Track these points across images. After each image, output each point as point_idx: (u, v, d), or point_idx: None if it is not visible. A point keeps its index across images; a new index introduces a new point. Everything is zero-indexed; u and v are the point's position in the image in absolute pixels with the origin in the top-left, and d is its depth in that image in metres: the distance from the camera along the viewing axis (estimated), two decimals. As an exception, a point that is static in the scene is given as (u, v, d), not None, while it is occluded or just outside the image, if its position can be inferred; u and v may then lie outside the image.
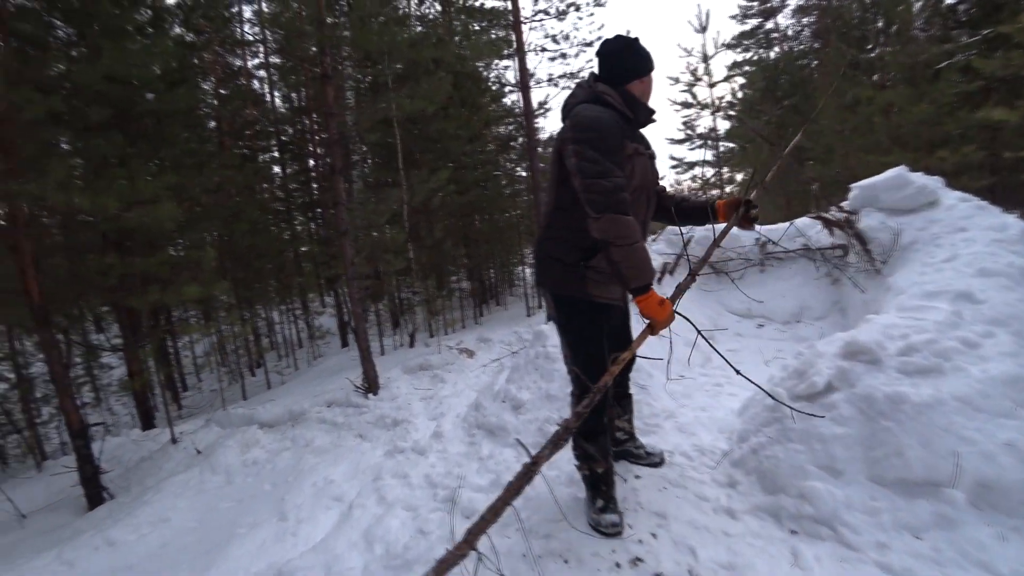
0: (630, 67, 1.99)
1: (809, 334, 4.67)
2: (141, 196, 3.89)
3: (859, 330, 2.51)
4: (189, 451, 4.85)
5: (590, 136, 1.84)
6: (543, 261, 2.16)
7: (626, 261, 1.80)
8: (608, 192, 1.79)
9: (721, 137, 15.51)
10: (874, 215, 3.92)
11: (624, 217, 1.79)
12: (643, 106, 2.02)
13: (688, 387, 3.73)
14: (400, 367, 6.83)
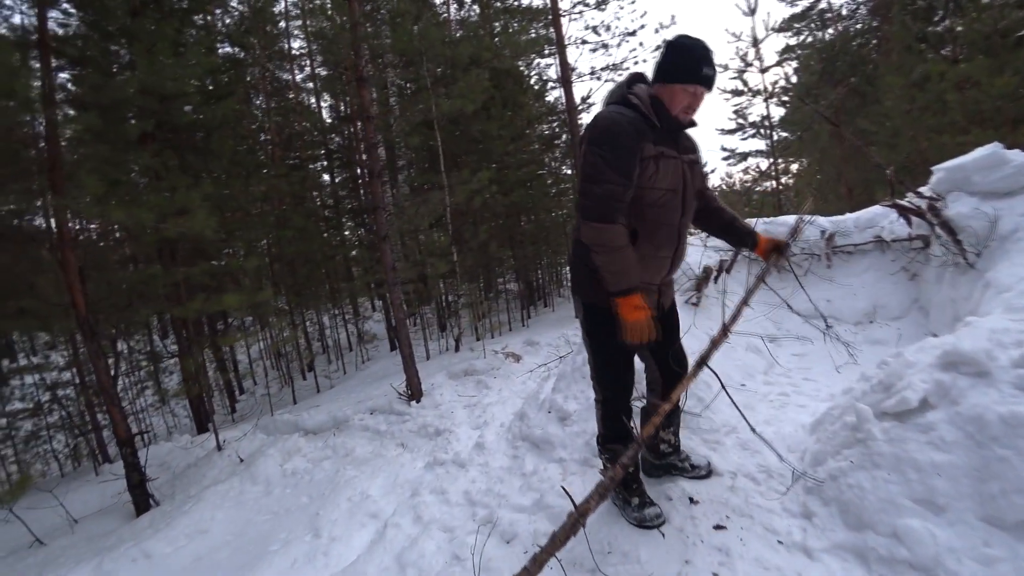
0: (661, 67, 1.91)
1: (885, 336, 4.22)
2: (178, 208, 3.91)
3: (959, 335, 2.14)
4: (232, 459, 4.87)
5: (597, 138, 1.84)
6: (574, 266, 2.14)
7: (605, 267, 1.85)
8: (597, 199, 1.81)
9: (775, 125, 14.70)
10: (964, 200, 3.46)
11: (608, 226, 1.81)
12: (666, 115, 1.91)
13: (750, 398, 3.39)
14: (444, 372, 6.71)
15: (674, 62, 1.87)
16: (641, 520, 2.23)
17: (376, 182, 5.05)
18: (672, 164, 1.93)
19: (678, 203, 2.00)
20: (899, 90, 11.12)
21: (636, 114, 1.88)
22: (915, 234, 4.19)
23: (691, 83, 1.85)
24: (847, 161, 13.87)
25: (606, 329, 2.04)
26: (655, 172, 1.88)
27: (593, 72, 10.24)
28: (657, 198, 1.92)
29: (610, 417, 2.24)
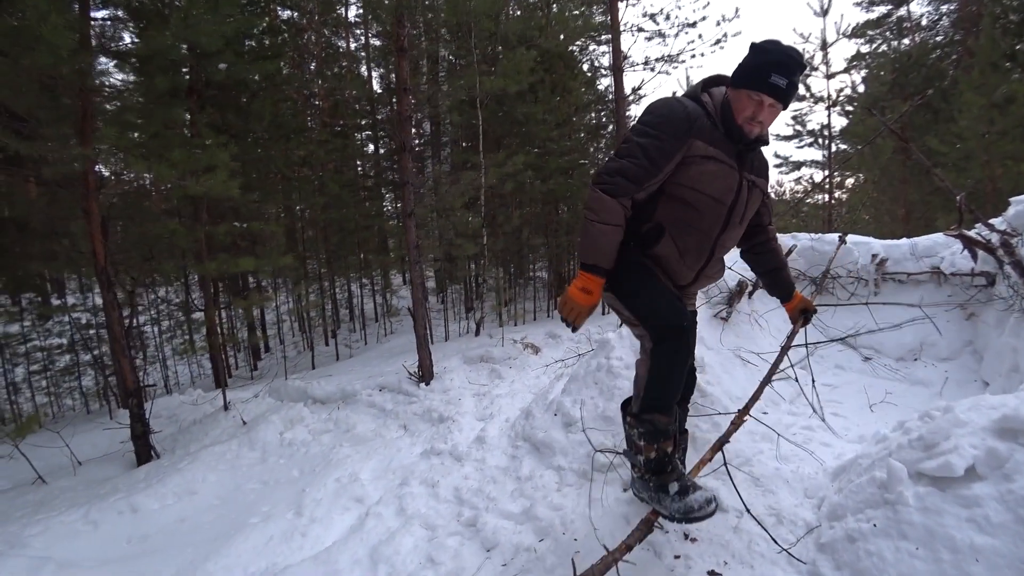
0: (735, 70, 1.79)
1: (930, 377, 3.87)
2: (203, 165, 3.85)
3: (1022, 397, 1.86)
4: (236, 421, 4.88)
5: (645, 117, 1.78)
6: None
7: (585, 233, 1.78)
8: (611, 170, 1.75)
9: (835, 135, 13.92)
10: (1043, 240, 3.10)
11: (607, 198, 1.74)
12: (731, 121, 1.78)
13: (772, 425, 3.11)
14: (460, 356, 6.60)
15: (745, 65, 1.74)
16: (687, 511, 1.76)
17: (406, 157, 4.90)
18: (724, 172, 1.79)
19: (721, 215, 1.83)
20: (977, 110, 10.33)
21: (701, 110, 1.78)
22: (979, 270, 3.81)
23: (756, 90, 1.70)
24: (908, 181, 13.06)
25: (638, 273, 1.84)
26: (700, 173, 1.76)
27: (647, 62, 9.83)
28: (695, 200, 1.78)
29: (667, 364, 1.78)
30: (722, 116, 1.78)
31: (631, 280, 1.87)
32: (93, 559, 2.97)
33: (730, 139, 1.79)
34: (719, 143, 1.77)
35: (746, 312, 3.71)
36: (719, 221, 1.83)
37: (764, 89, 1.68)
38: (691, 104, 1.77)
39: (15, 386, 8.88)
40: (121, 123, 3.94)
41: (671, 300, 1.83)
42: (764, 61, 1.68)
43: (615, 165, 1.74)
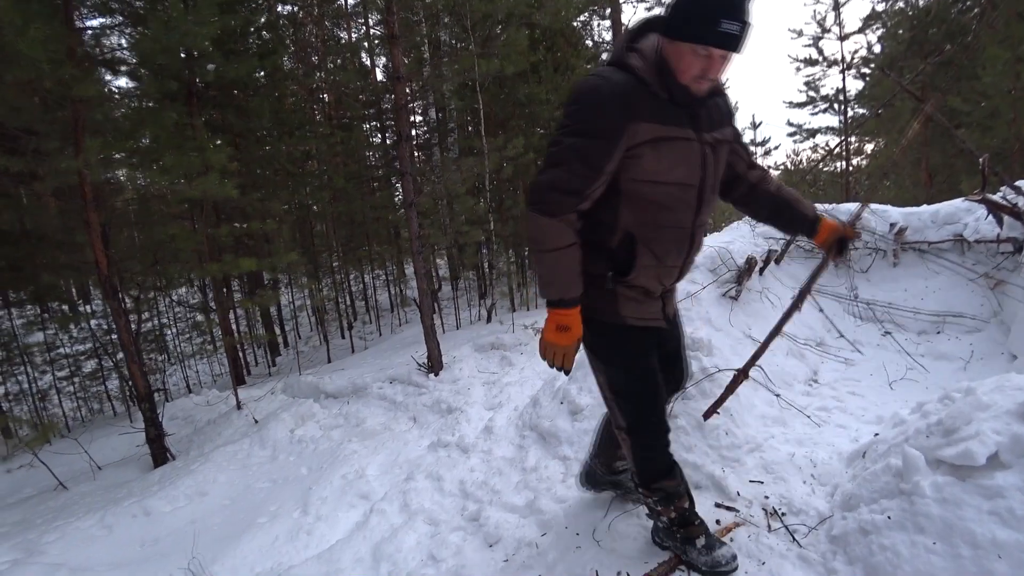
0: (671, 18, 1.37)
1: (954, 351, 3.70)
2: (198, 168, 3.81)
3: (1049, 376, 1.72)
4: (248, 420, 4.91)
5: (572, 113, 1.44)
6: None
7: (539, 268, 1.53)
8: (543, 185, 1.45)
9: (851, 100, 13.43)
10: (1073, 202, 2.90)
11: (547, 220, 1.45)
12: (674, 81, 1.41)
13: (785, 408, 3.01)
14: (471, 344, 6.56)
15: (682, 9, 1.33)
16: (714, 565, 1.81)
17: (404, 146, 4.81)
18: (683, 149, 1.47)
19: (692, 199, 1.55)
20: (1002, 65, 9.84)
21: (632, 79, 1.41)
22: (1005, 236, 3.60)
23: (702, 43, 1.32)
24: (930, 144, 12.58)
25: (611, 349, 1.70)
26: (656, 161, 1.44)
27: (651, 35, 9.49)
28: (660, 195, 1.49)
29: (644, 447, 1.82)
30: (662, 77, 1.42)
31: (608, 348, 1.69)
32: (106, 563, 3.01)
33: (677, 102, 1.44)
34: (666, 114, 1.43)
35: (757, 290, 3.57)
36: (691, 207, 1.57)
37: (712, 40, 1.31)
38: (619, 78, 1.41)
39: (43, 393, 9.11)
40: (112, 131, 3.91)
41: (654, 387, 1.74)
42: (708, 5, 1.29)
43: (547, 178, 1.44)
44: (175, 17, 3.51)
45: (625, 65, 1.44)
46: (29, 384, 8.29)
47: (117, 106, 4.29)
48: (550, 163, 1.45)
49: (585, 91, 1.42)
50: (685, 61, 1.37)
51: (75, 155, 3.40)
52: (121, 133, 4.02)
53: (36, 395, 8.62)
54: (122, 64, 4.19)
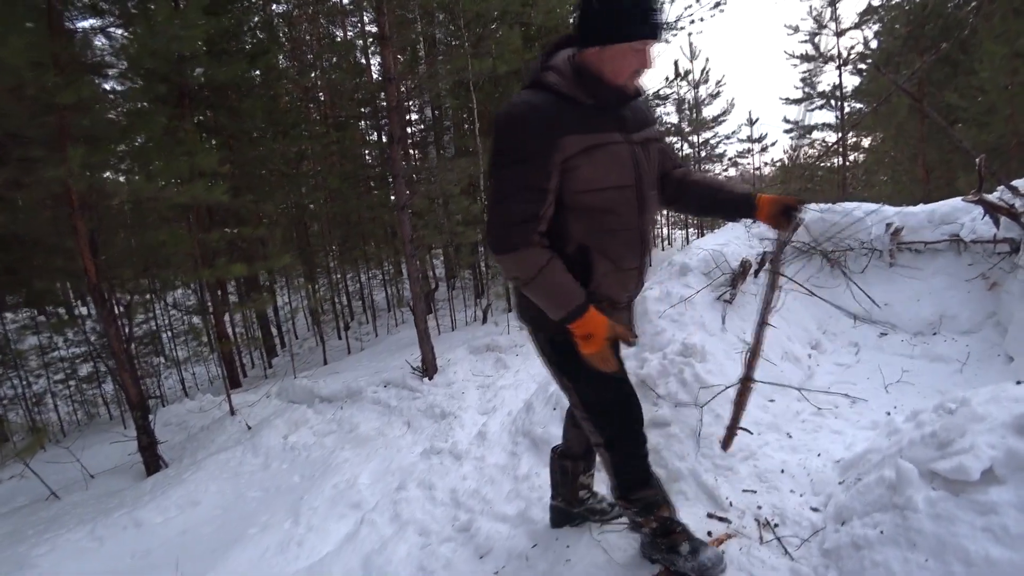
0: (589, 26, 1.39)
1: (950, 353, 3.67)
2: (183, 173, 3.77)
3: (1045, 387, 1.69)
4: (241, 426, 4.88)
5: (500, 144, 1.43)
6: (517, 291, 1.67)
7: (535, 298, 1.50)
8: (499, 225, 1.43)
9: (847, 96, 13.38)
10: (1069, 204, 2.86)
11: (516, 254, 1.43)
12: (604, 85, 1.44)
13: (779, 414, 2.98)
14: (466, 346, 6.54)
15: (611, 12, 1.34)
16: (702, 569, 1.82)
17: (395, 148, 4.77)
18: (615, 152, 1.49)
19: (633, 199, 1.56)
20: (999, 60, 9.80)
21: (551, 96, 1.42)
22: (1002, 236, 3.57)
23: (641, 38, 1.35)
24: (927, 139, 12.55)
25: (578, 361, 1.62)
26: (592, 170, 1.45)
27: (646, 32, 9.43)
28: (603, 201, 1.50)
29: (626, 459, 1.82)
30: (586, 86, 1.44)
31: (577, 365, 1.60)
32: (96, 577, 2.97)
33: (603, 108, 1.47)
34: (592, 123, 1.45)
35: (751, 292, 3.54)
36: (635, 207, 1.57)
37: (648, 33, 1.35)
38: (538, 98, 1.42)
39: (37, 398, 9.07)
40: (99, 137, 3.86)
41: (628, 395, 1.74)
42: (618, 5, 1.33)
43: (498, 216, 1.42)
44: (161, 22, 3.46)
45: (542, 84, 1.45)
46: (23, 389, 8.25)
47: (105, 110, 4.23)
48: (496, 200, 1.44)
49: (509, 120, 1.41)
50: (625, 61, 1.40)
51: (60, 163, 3.35)
52: (109, 138, 3.96)
53: (31, 399, 8.59)
54: (109, 68, 4.14)
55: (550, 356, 1.70)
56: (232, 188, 7.35)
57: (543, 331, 1.67)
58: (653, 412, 2.65)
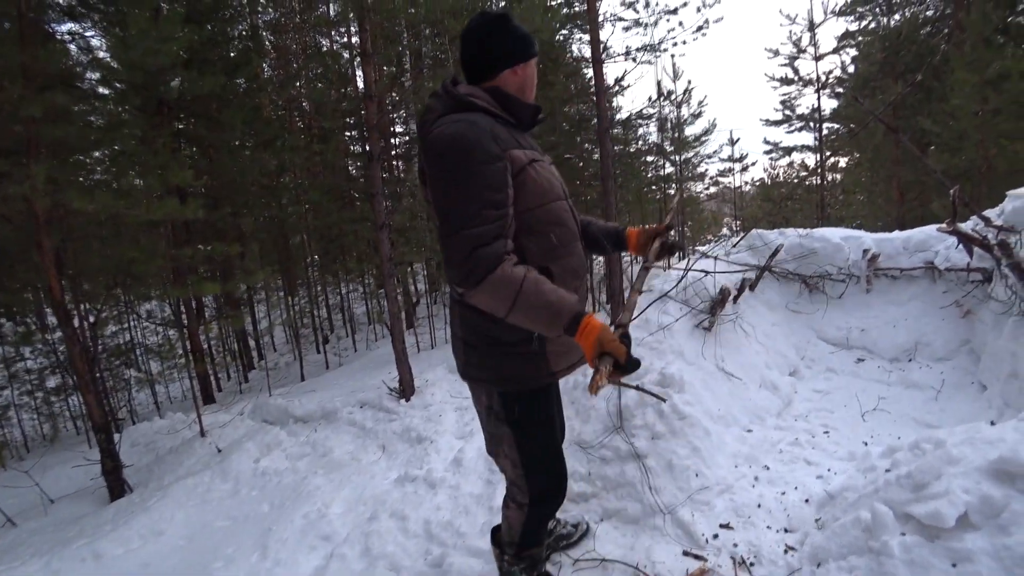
0: (500, 52, 1.49)
1: (925, 380, 3.69)
2: (157, 189, 3.66)
3: (1021, 430, 1.68)
4: (211, 448, 4.71)
5: (449, 165, 1.32)
6: (468, 345, 1.56)
7: (535, 318, 1.29)
8: (468, 252, 1.27)
9: (826, 118, 13.67)
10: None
11: (487, 282, 1.26)
12: (524, 104, 1.52)
13: (756, 444, 2.95)
14: (445, 365, 6.44)
15: (514, 38, 1.49)
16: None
17: (374, 166, 4.70)
18: (547, 167, 1.55)
19: (570, 210, 1.60)
20: (970, 88, 10.08)
21: (487, 117, 1.40)
22: (975, 266, 3.62)
23: (529, 56, 1.53)
24: (901, 162, 12.85)
25: (537, 414, 1.62)
26: (537, 183, 1.44)
27: (628, 52, 9.58)
28: (553, 213, 1.50)
29: (541, 519, 1.85)
30: (509, 105, 1.49)
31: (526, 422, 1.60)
32: (47, 615, 2.82)
33: (525, 127, 1.55)
34: (521, 140, 1.49)
35: (731, 319, 3.53)
36: (572, 218, 1.60)
37: (533, 52, 1.55)
38: (476, 117, 1.38)
39: (1, 411, 8.73)
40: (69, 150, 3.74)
41: (562, 462, 1.78)
42: (517, 30, 1.50)
43: (462, 245, 1.28)
44: (135, 36, 3.37)
45: (473, 105, 1.42)
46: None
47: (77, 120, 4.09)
48: (454, 228, 1.29)
49: (454, 139, 1.32)
50: (533, 76, 1.56)
51: (23, 179, 3.23)
52: (80, 150, 3.85)
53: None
54: (81, 79, 4.02)
55: (508, 413, 1.60)
56: (210, 200, 7.25)
57: (506, 385, 1.56)
58: (630, 444, 2.60)
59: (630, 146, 12.96)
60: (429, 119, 1.44)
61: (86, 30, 5.48)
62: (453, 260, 1.30)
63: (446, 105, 1.44)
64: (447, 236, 1.31)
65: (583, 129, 11.99)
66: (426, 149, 1.38)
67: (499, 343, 1.49)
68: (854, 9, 19.24)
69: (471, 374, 1.61)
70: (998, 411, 3.17)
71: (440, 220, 1.33)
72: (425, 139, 1.40)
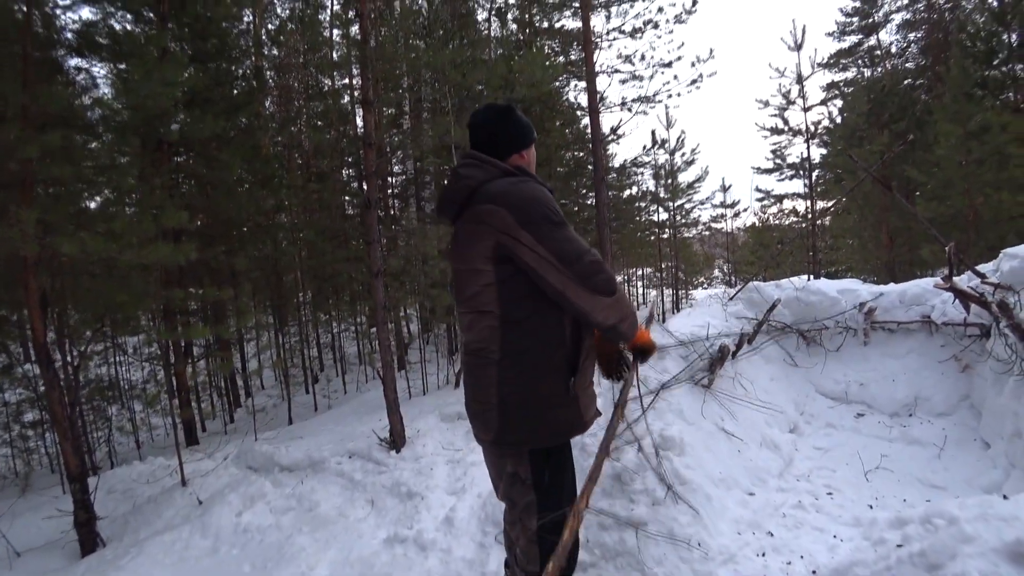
0: (507, 140, 1.65)
1: (927, 436, 3.63)
2: (150, 232, 3.62)
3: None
4: (192, 499, 4.52)
5: (543, 211, 1.47)
6: (505, 407, 1.55)
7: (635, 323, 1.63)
8: (600, 266, 1.49)
9: (816, 166, 14.00)
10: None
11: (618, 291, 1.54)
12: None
13: (759, 509, 2.86)
14: (437, 413, 6.30)
15: (520, 126, 1.69)
16: None
17: (371, 214, 4.69)
18: None
19: None
20: (954, 139, 10.39)
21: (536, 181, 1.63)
22: (973, 321, 3.61)
23: (534, 140, 1.74)
24: (890, 208, 13.10)
25: (563, 476, 1.64)
26: None
27: (624, 103, 9.82)
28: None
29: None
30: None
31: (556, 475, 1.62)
32: None
33: None
34: None
35: (730, 376, 3.48)
36: None
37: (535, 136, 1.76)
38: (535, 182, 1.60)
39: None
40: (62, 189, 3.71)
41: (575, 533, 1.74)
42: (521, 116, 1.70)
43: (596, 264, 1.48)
44: (138, 80, 3.39)
45: (526, 172, 1.63)
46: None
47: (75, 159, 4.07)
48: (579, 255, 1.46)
49: (535, 194, 1.51)
50: (535, 158, 1.76)
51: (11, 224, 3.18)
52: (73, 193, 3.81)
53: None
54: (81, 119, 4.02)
55: (537, 475, 1.60)
56: (204, 237, 7.22)
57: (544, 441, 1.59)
58: (629, 511, 2.51)
59: (624, 191, 13.14)
60: (471, 184, 1.54)
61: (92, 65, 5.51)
62: (593, 273, 1.46)
63: (490, 173, 1.56)
64: (575, 258, 1.45)
65: (579, 175, 12.18)
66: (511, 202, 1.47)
67: (539, 396, 1.54)
68: (838, 61, 20.02)
69: (507, 440, 1.60)
70: (1004, 471, 3.10)
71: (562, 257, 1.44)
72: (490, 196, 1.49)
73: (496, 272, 1.49)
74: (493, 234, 1.46)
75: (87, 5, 5.05)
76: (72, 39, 4.88)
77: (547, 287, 1.45)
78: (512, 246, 1.45)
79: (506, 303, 1.51)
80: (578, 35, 9.94)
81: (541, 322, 1.51)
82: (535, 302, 1.50)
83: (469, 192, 1.53)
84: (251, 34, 13.14)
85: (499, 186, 1.51)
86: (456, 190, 1.56)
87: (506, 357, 1.52)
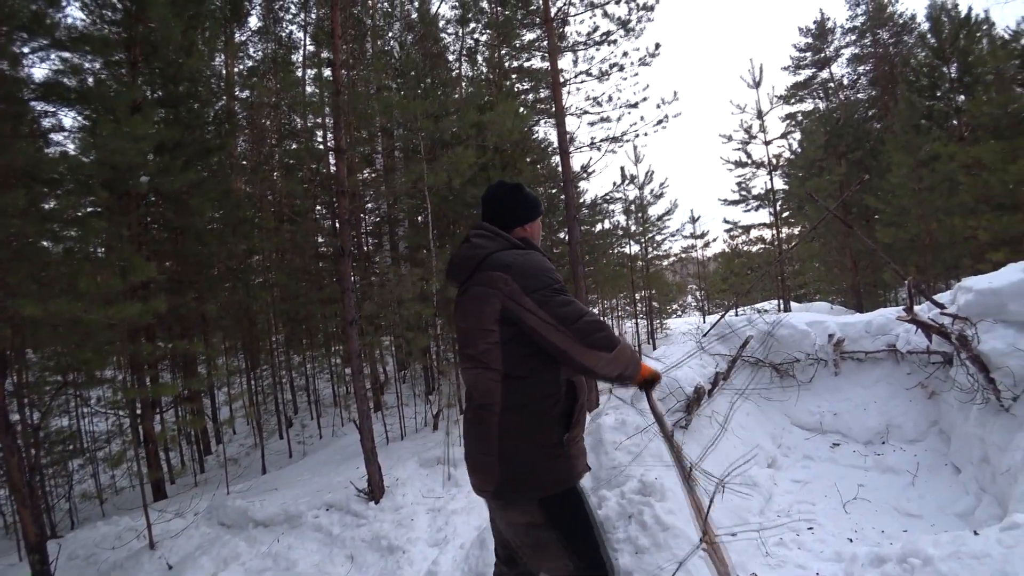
0: (516, 213, 1.84)
1: (900, 463, 3.71)
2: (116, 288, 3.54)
3: (1009, 548, 1.66)
4: (161, 564, 4.31)
5: (547, 279, 1.60)
6: (507, 458, 1.61)
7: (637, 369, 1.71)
8: (602, 324, 1.59)
9: (779, 197, 14.52)
10: (999, 332, 2.99)
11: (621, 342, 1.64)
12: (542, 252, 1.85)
13: (743, 551, 2.85)
14: (416, 459, 6.19)
15: (528, 201, 1.86)
16: None
17: (345, 262, 4.68)
18: None
19: None
20: (906, 168, 10.93)
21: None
22: (935, 349, 3.74)
23: (541, 213, 1.90)
24: (851, 235, 13.60)
25: (579, 509, 1.65)
26: None
27: (593, 143, 10.10)
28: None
29: None
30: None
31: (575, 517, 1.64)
32: None
33: None
34: None
35: (706, 415, 3.51)
36: None
37: (543, 210, 1.92)
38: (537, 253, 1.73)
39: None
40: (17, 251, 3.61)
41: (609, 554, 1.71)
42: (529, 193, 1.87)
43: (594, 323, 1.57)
44: (105, 136, 3.37)
45: (531, 244, 1.77)
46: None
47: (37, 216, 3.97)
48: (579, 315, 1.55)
49: (540, 263, 1.64)
50: (540, 229, 1.92)
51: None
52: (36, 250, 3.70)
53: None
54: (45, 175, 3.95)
55: (553, 517, 1.61)
56: (173, 284, 7.07)
57: (552, 487, 1.61)
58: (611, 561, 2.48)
59: (596, 225, 13.37)
60: (480, 254, 1.68)
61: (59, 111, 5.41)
62: (591, 337, 1.54)
63: (499, 244, 1.71)
64: (575, 318, 1.54)
65: (551, 212, 12.38)
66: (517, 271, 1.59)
67: (542, 445, 1.59)
68: (795, 94, 21.04)
69: (512, 489, 1.63)
70: (975, 496, 3.18)
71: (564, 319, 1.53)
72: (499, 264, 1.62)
73: (501, 332, 1.60)
74: (501, 298, 1.58)
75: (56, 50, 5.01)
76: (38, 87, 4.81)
77: (550, 348, 1.55)
78: (517, 311, 1.56)
79: (509, 361, 1.60)
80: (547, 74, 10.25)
81: (540, 379, 1.61)
82: (536, 361, 1.59)
83: (480, 260, 1.67)
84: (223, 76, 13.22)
85: (507, 256, 1.64)
86: (468, 257, 1.70)
87: (507, 410, 1.61)
